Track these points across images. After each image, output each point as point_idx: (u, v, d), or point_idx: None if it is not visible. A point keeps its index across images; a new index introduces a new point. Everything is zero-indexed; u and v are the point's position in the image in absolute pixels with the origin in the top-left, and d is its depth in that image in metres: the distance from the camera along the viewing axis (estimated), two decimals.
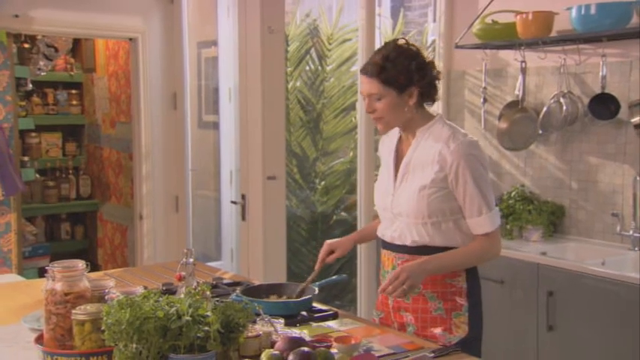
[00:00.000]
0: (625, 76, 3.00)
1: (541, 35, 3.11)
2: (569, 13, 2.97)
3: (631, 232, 2.96)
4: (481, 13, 3.36)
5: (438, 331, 1.83)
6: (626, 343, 2.54)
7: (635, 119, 2.87)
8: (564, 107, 3.11)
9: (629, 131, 2.96)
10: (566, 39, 3.05)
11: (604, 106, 3.01)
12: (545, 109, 3.20)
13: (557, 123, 3.16)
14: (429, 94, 1.85)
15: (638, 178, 2.88)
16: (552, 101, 3.18)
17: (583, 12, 2.90)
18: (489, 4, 3.31)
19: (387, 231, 1.92)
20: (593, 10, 2.87)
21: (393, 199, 1.88)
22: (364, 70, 1.83)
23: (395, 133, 1.95)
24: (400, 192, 1.86)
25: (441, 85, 3.80)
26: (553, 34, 3.13)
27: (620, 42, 2.96)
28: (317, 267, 2.04)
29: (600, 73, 2.99)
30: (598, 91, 3.03)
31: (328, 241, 2.09)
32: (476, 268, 1.90)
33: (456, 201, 1.81)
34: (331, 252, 2.06)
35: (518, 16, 3.17)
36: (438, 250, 1.83)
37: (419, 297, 1.86)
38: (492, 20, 3.31)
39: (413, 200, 1.82)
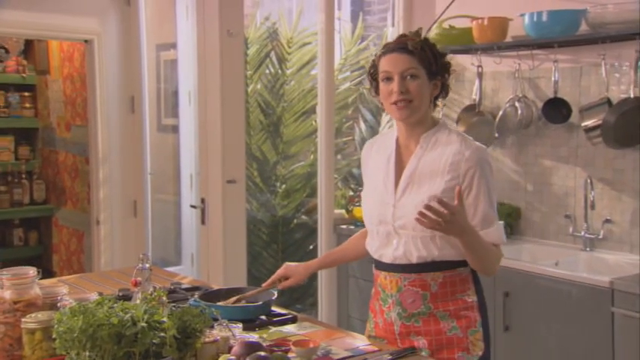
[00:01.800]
0: (576, 81, 3.09)
1: (496, 40, 3.18)
2: (522, 19, 3.05)
3: (583, 233, 3.05)
4: (438, 18, 3.41)
5: (456, 354, 1.70)
6: (579, 341, 2.62)
7: (586, 123, 2.96)
8: (519, 111, 3.18)
9: (580, 135, 3.05)
10: (520, 44, 3.13)
11: (557, 110, 3.09)
12: (501, 112, 3.26)
13: (512, 126, 3.23)
14: (444, 93, 1.77)
15: (589, 181, 2.97)
16: (508, 105, 3.25)
17: (535, 19, 2.98)
18: (446, 9, 3.37)
19: (386, 250, 1.75)
20: (544, 17, 2.96)
21: (394, 211, 1.72)
22: (399, 48, 1.69)
23: (388, 141, 1.82)
24: (404, 203, 1.71)
25: None
26: (508, 39, 3.21)
27: (571, 48, 3.05)
28: (264, 285, 1.97)
29: (553, 78, 3.08)
30: (551, 95, 3.11)
31: (287, 265, 2.00)
32: (480, 280, 1.79)
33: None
34: (286, 277, 1.97)
35: (474, 22, 3.24)
36: (447, 266, 1.71)
37: (429, 318, 1.72)
38: (449, 25, 3.37)
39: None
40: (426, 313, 1.72)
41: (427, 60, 1.70)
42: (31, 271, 1.56)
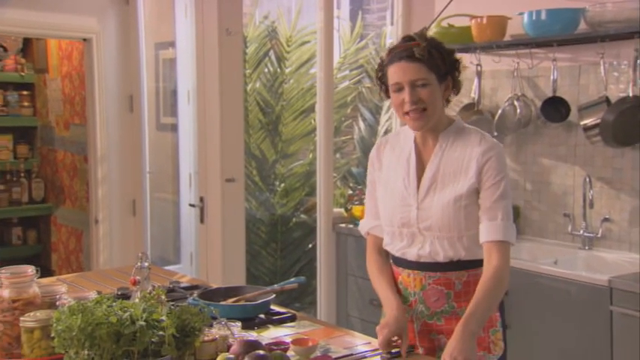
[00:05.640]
0: (574, 80, 3.09)
1: (495, 39, 3.18)
2: (521, 18, 3.05)
3: (581, 232, 3.05)
4: (437, 16, 3.41)
5: (478, 354, 1.63)
6: (578, 339, 2.62)
7: (584, 122, 2.96)
8: (518, 110, 3.18)
9: (578, 133, 3.05)
10: (519, 43, 3.13)
11: (555, 109, 3.09)
12: (500, 111, 3.26)
13: (511, 125, 3.23)
14: (455, 90, 1.73)
15: (587, 180, 2.97)
16: (507, 104, 3.25)
17: (534, 17, 2.98)
18: (445, 7, 3.37)
19: (409, 249, 1.72)
20: (543, 16, 2.95)
21: (419, 213, 1.69)
22: (407, 56, 1.64)
23: (403, 140, 1.78)
24: (428, 204, 1.68)
25: None
26: (507, 38, 3.21)
27: (570, 47, 3.05)
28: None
29: (551, 77, 3.08)
30: (549, 94, 3.11)
31: (386, 324, 1.64)
32: None
33: None
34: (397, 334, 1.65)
35: (473, 20, 3.24)
36: (472, 265, 1.69)
37: (451, 317, 1.69)
38: (448, 24, 3.36)
39: (448, 213, 1.65)
40: (448, 311, 1.70)
41: (436, 64, 1.66)
42: (30, 269, 1.56)
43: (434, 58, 1.66)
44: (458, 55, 1.74)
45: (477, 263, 1.71)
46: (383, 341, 1.62)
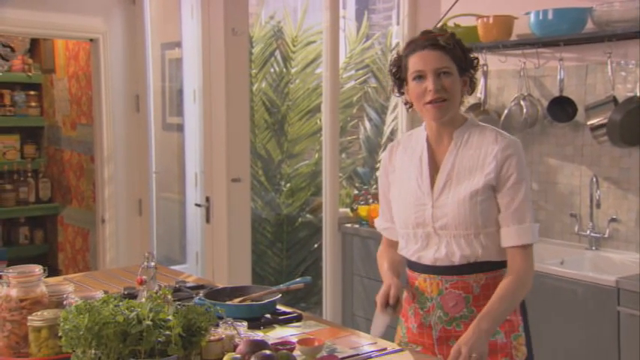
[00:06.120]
0: (581, 80, 3.08)
1: (501, 39, 3.18)
2: (528, 17, 3.04)
3: (588, 232, 3.04)
4: (443, 16, 3.41)
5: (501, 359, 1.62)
6: (584, 340, 2.61)
7: (591, 122, 2.95)
8: (524, 110, 3.18)
9: (585, 133, 3.04)
10: (526, 43, 3.12)
11: (562, 108, 3.08)
12: (506, 111, 3.26)
13: (517, 125, 3.22)
14: (470, 89, 1.72)
15: (594, 180, 2.96)
16: (513, 104, 3.24)
17: (541, 17, 2.97)
18: (452, 7, 3.36)
19: (425, 252, 1.69)
20: (550, 16, 2.95)
21: (434, 212, 1.66)
22: (430, 45, 1.63)
23: (415, 140, 1.76)
24: (443, 202, 1.65)
25: None
26: (513, 37, 3.20)
27: (577, 46, 3.04)
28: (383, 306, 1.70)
29: (558, 77, 3.07)
30: (556, 94, 3.10)
31: (381, 292, 1.70)
32: None
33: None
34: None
35: (480, 20, 3.23)
36: (489, 267, 1.65)
37: (471, 322, 1.62)
38: (454, 23, 3.36)
39: (464, 209, 1.62)
40: (467, 316, 1.66)
41: (458, 56, 1.65)
42: (37, 269, 1.57)
43: (456, 50, 1.65)
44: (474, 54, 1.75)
45: (495, 265, 1.67)
46: (380, 304, 1.68)
